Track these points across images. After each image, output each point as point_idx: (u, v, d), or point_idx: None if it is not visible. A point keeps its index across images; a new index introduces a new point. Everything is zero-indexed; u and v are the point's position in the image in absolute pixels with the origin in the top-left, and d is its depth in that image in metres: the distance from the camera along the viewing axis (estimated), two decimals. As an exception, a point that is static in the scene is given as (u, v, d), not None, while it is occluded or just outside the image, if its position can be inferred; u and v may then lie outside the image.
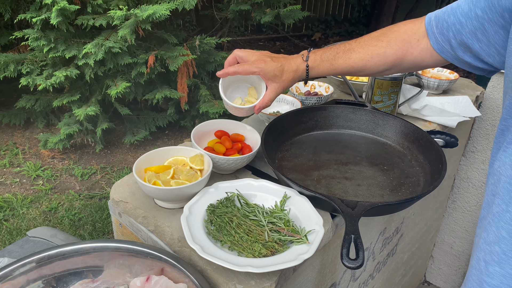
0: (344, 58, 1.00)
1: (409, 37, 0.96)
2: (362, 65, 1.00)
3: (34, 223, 2.52)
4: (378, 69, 1.00)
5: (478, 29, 0.81)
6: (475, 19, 0.81)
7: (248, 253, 0.78)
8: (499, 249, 0.70)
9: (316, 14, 6.21)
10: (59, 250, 0.76)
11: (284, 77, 0.99)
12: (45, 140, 3.04)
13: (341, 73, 1.03)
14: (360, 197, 0.96)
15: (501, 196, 0.69)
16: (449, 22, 0.87)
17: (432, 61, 0.95)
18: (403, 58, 0.97)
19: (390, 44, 0.97)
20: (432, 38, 0.92)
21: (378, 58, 0.98)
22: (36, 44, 2.50)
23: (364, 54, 0.99)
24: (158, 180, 0.89)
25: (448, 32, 0.88)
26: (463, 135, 1.67)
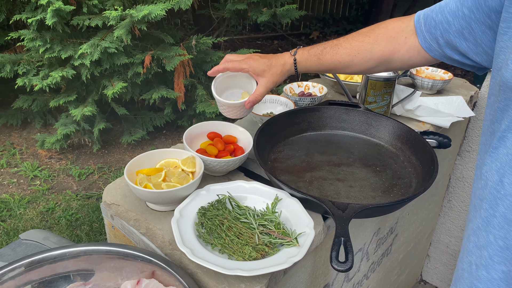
0: (331, 53, 1.01)
1: (397, 35, 0.96)
2: (349, 60, 1.00)
3: (31, 223, 2.52)
4: (365, 65, 1.01)
5: (465, 28, 0.81)
6: (462, 18, 0.81)
7: (238, 256, 0.78)
8: (487, 254, 0.71)
9: (314, 12, 6.20)
10: (49, 254, 0.76)
11: (273, 71, 1.02)
12: (42, 140, 3.04)
13: (328, 68, 1.04)
14: (352, 199, 0.96)
15: (488, 201, 0.69)
16: (436, 21, 0.87)
17: (420, 60, 0.95)
18: (390, 55, 0.98)
19: (377, 40, 0.97)
20: (421, 36, 0.92)
21: (364, 53, 0.99)
22: (32, 44, 2.49)
23: (351, 49, 0.99)
24: (149, 183, 0.89)
25: (435, 31, 0.88)
26: (458, 135, 1.67)
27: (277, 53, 1.07)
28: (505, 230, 0.67)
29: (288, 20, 2.95)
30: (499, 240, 0.68)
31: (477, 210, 0.73)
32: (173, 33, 3.04)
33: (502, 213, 0.67)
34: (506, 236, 0.67)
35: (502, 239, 0.68)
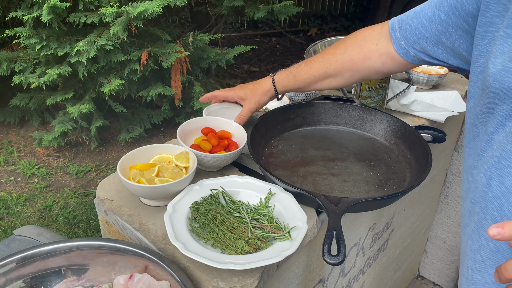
0: (306, 69, 1.05)
1: (366, 42, 0.96)
2: (323, 73, 1.02)
3: (28, 221, 2.52)
4: (340, 76, 1.02)
5: (442, 33, 0.81)
6: (439, 23, 0.81)
7: (231, 250, 0.78)
8: (480, 257, 0.71)
9: (312, 9, 6.19)
10: (41, 249, 0.76)
11: (254, 92, 1.11)
12: (39, 138, 3.04)
13: (305, 83, 1.06)
14: (346, 193, 0.96)
15: (479, 205, 0.70)
16: (412, 26, 0.86)
17: (394, 66, 0.95)
18: (361, 63, 0.97)
19: (347, 50, 0.98)
20: (396, 42, 0.91)
21: (336, 64, 1.00)
22: (28, 42, 2.49)
23: (323, 62, 1.01)
24: (143, 178, 0.89)
25: (412, 36, 0.87)
26: (454, 130, 1.67)
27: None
28: None
29: (285, 16, 2.94)
30: (490, 243, 0.68)
31: (471, 214, 0.73)
32: (170, 30, 3.03)
33: (492, 215, 0.67)
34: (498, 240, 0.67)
35: (493, 242, 0.68)
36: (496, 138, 0.67)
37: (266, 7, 2.90)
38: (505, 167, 0.65)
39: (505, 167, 0.65)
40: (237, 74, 4.30)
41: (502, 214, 0.65)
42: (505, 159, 0.64)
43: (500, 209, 0.65)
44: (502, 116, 0.65)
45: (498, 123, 0.66)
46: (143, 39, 2.82)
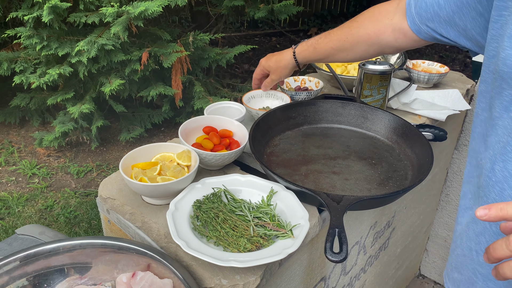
0: (325, 41, 1.10)
1: (382, 17, 0.98)
2: (340, 45, 1.07)
3: (29, 221, 2.52)
4: (356, 49, 1.06)
5: (456, 14, 0.81)
6: (454, 3, 0.81)
7: (233, 248, 0.78)
8: (484, 240, 0.72)
9: (312, 9, 6.19)
10: (44, 247, 0.76)
11: (278, 67, 1.21)
12: (40, 138, 3.04)
13: (324, 55, 1.11)
14: (348, 191, 0.96)
15: (483, 189, 0.71)
16: (428, 3, 0.87)
17: (407, 42, 0.97)
18: (376, 37, 1.00)
19: (363, 24, 1.02)
20: (410, 18, 0.92)
21: (352, 38, 1.04)
22: (29, 42, 2.49)
23: (341, 35, 1.06)
24: (145, 176, 0.89)
25: (426, 13, 0.88)
26: (455, 129, 1.67)
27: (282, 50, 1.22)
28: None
29: (285, 16, 2.94)
30: (493, 226, 0.70)
31: (476, 198, 0.74)
32: (171, 30, 3.03)
33: (493, 199, 0.68)
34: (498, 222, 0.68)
35: (495, 225, 0.69)
36: (500, 123, 0.67)
37: (266, 7, 2.90)
38: (509, 152, 0.65)
39: (509, 152, 0.65)
40: (238, 73, 4.31)
41: (503, 199, 0.66)
42: (509, 144, 0.65)
43: (501, 193, 0.66)
44: (507, 101, 0.65)
45: (503, 108, 0.66)
46: (143, 39, 2.82)
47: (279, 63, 1.20)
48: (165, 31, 2.82)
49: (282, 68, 1.20)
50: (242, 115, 1.17)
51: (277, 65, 1.21)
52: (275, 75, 1.23)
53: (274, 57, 1.22)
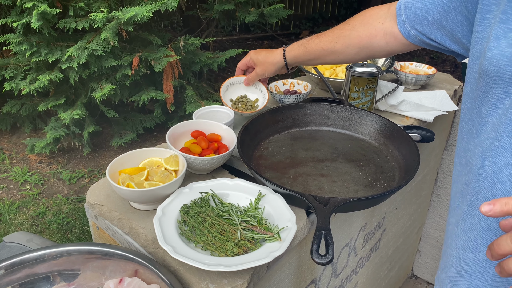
0: (316, 42, 1.10)
1: (373, 20, 1.00)
2: (331, 47, 1.07)
3: (21, 228, 2.50)
4: (347, 51, 1.07)
5: (443, 17, 0.84)
6: (441, 7, 0.84)
7: (220, 252, 0.78)
8: (473, 236, 0.73)
9: (304, 12, 6.22)
10: (29, 255, 0.76)
11: (265, 62, 1.20)
12: (32, 145, 3.03)
13: (314, 56, 1.12)
14: (335, 193, 0.97)
15: (473, 186, 0.72)
16: (416, 8, 0.90)
17: (397, 45, 0.99)
18: (367, 41, 1.02)
19: (354, 27, 1.03)
20: (400, 22, 0.95)
21: (344, 39, 1.05)
22: (19, 48, 2.48)
23: (332, 36, 1.07)
24: (132, 182, 0.89)
25: (415, 18, 0.90)
26: (444, 129, 1.69)
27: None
28: None
29: (275, 19, 2.96)
30: (482, 222, 0.71)
31: (464, 195, 0.75)
32: (161, 35, 3.03)
33: (484, 195, 0.69)
34: (487, 217, 0.69)
35: (485, 221, 0.70)
36: (489, 121, 0.69)
37: (256, 11, 2.91)
38: (498, 147, 0.67)
39: (497, 148, 0.67)
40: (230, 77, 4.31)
41: (493, 193, 0.67)
42: (498, 140, 0.67)
43: (491, 188, 0.67)
44: (495, 98, 0.67)
45: (491, 106, 0.69)
46: (134, 44, 2.82)
47: (267, 58, 1.20)
48: (156, 35, 2.82)
49: (269, 63, 1.20)
50: (230, 119, 1.17)
51: (265, 59, 1.20)
52: (260, 69, 1.22)
53: (264, 52, 1.22)
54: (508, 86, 0.65)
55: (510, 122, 0.65)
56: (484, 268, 0.72)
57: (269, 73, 1.23)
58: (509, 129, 0.66)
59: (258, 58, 1.22)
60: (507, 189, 0.65)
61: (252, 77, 1.26)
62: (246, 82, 1.28)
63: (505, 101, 0.66)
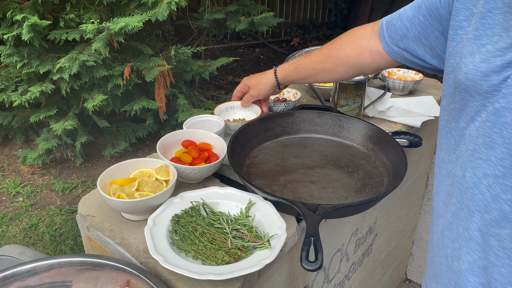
0: (306, 62, 1.13)
1: (360, 40, 1.03)
2: (321, 66, 1.10)
3: (14, 240, 2.49)
4: (337, 70, 1.09)
5: (422, 34, 0.87)
6: (418, 25, 0.87)
7: (211, 261, 0.79)
8: (458, 245, 0.74)
9: (294, 19, 6.27)
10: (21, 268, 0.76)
11: (258, 84, 1.25)
12: (24, 156, 3.02)
13: (305, 75, 1.14)
14: (325, 200, 0.98)
15: (456, 195, 0.74)
16: (396, 27, 0.93)
17: (384, 62, 1.01)
18: (355, 59, 1.05)
19: (341, 47, 1.06)
20: (383, 41, 0.98)
21: (332, 60, 1.08)
22: (9, 60, 2.48)
23: (321, 56, 1.10)
24: (123, 193, 0.89)
25: (396, 36, 0.94)
26: (432, 134, 1.71)
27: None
28: (468, 220, 0.70)
29: (266, 27, 2.98)
30: (465, 232, 0.72)
31: (447, 205, 0.76)
32: (153, 44, 3.05)
33: (466, 205, 0.71)
34: (468, 226, 0.71)
35: (467, 230, 0.72)
36: (467, 133, 0.72)
37: (247, 19, 2.94)
38: (477, 159, 0.69)
39: (477, 159, 0.69)
40: (222, 85, 4.33)
41: (475, 204, 0.69)
42: (477, 151, 0.69)
43: (472, 198, 0.69)
44: (473, 111, 0.70)
45: (469, 119, 0.71)
46: (125, 54, 2.83)
47: (260, 80, 1.25)
48: (147, 45, 2.83)
49: (262, 85, 1.24)
50: (221, 128, 1.18)
51: (257, 81, 1.25)
52: (254, 91, 1.27)
53: (256, 76, 1.27)
54: (484, 99, 0.68)
55: (487, 134, 0.67)
56: (466, 277, 0.73)
57: (263, 94, 1.26)
58: (486, 141, 0.68)
59: (252, 82, 1.27)
60: (487, 199, 0.66)
61: (247, 98, 1.30)
62: (243, 104, 1.32)
63: (482, 114, 0.68)
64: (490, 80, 0.66)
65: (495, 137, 0.66)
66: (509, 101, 0.64)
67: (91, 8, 2.62)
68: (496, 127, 0.66)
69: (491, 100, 0.67)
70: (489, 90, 0.66)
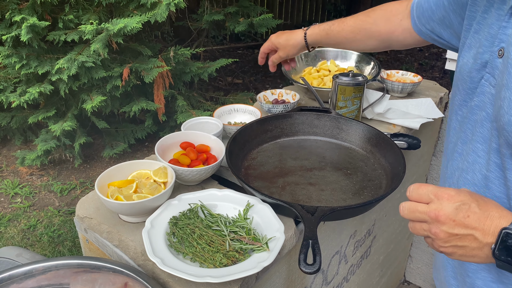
0: (338, 30, 1.16)
1: (393, 17, 1.05)
2: (352, 37, 1.14)
3: (12, 242, 2.48)
4: (367, 42, 1.13)
5: (446, 18, 0.88)
6: (443, 8, 0.88)
7: (209, 263, 0.79)
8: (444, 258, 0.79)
9: (293, 21, 6.27)
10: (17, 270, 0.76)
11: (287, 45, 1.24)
12: (22, 157, 3.01)
13: (335, 42, 1.18)
14: (323, 202, 0.98)
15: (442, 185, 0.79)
16: (424, 8, 0.95)
17: (413, 41, 1.04)
18: (387, 35, 1.08)
19: (375, 21, 1.09)
20: (413, 20, 1.00)
21: (365, 32, 1.11)
22: (8, 61, 2.48)
23: (354, 27, 1.13)
24: (121, 195, 0.89)
25: (423, 17, 0.96)
26: (431, 136, 1.71)
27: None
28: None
29: (265, 29, 2.98)
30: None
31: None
32: (152, 45, 3.04)
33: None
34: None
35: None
36: (452, 126, 0.75)
37: (246, 21, 2.94)
38: (455, 152, 0.73)
39: (455, 152, 0.73)
40: (221, 86, 4.33)
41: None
42: (456, 145, 0.73)
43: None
44: (457, 105, 0.73)
45: (454, 113, 0.74)
46: (124, 55, 2.83)
47: (289, 41, 1.23)
48: (146, 46, 2.83)
49: (291, 46, 1.24)
50: (219, 130, 1.18)
51: (286, 42, 1.24)
52: (283, 52, 1.26)
53: (285, 35, 1.25)
54: (465, 95, 0.70)
55: (464, 130, 0.70)
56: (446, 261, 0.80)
57: (291, 55, 1.27)
58: (462, 136, 0.71)
59: (280, 42, 1.25)
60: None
61: (275, 58, 1.29)
62: (271, 63, 1.31)
63: (463, 109, 0.71)
64: (473, 77, 0.69)
65: (468, 132, 0.70)
66: (480, 100, 0.67)
67: (90, 9, 2.62)
68: (469, 123, 0.69)
69: (470, 97, 0.69)
70: (471, 86, 0.69)
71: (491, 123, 0.64)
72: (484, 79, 0.65)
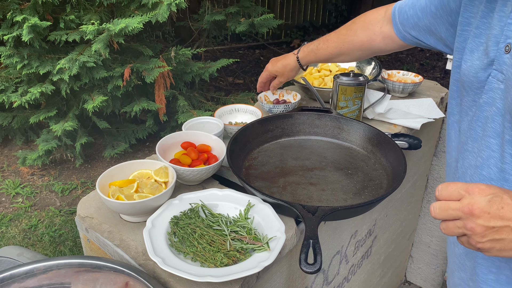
0: (324, 48, 1.22)
1: (373, 26, 1.09)
2: (338, 51, 1.19)
3: (13, 241, 2.48)
4: (353, 54, 1.18)
5: (432, 25, 0.90)
6: (430, 15, 0.90)
7: (210, 263, 0.79)
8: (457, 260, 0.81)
9: (294, 21, 6.27)
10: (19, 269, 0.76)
11: (285, 71, 1.33)
12: (23, 157, 3.01)
13: (324, 59, 1.25)
14: (324, 202, 0.98)
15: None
16: (409, 15, 0.97)
17: (395, 46, 1.08)
18: (369, 44, 1.12)
19: (356, 33, 1.13)
20: (395, 27, 1.02)
21: (348, 45, 1.16)
22: (9, 61, 2.48)
23: (338, 42, 1.18)
24: (122, 194, 0.89)
25: (407, 23, 0.98)
26: (432, 136, 1.71)
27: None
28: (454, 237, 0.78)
29: (266, 29, 2.98)
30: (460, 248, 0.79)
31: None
32: (153, 45, 3.05)
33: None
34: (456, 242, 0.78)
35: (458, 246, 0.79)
36: (462, 126, 0.76)
37: (247, 21, 2.94)
38: (466, 150, 0.74)
39: (465, 151, 0.74)
40: (222, 86, 4.33)
41: None
42: (465, 143, 0.74)
43: None
44: (466, 106, 0.74)
45: (464, 113, 0.75)
46: (125, 55, 2.83)
47: (286, 67, 1.32)
48: (147, 46, 2.83)
49: (288, 71, 1.33)
50: (220, 129, 1.18)
51: (284, 69, 1.33)
52: (283, 78, 1.35)
53: (279, 62, 1.33)
54: (474, 95, 0.72)
55: (474, 128, 0.72)
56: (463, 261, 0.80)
57: (291, 78, 1.37)
58: (473, 134, 0.72)
59: (278, 70, 1.34)
60: None
61: (276, 84, 1.39)
62: (272, 88, 1.41)
63: (473, 109, 0.73)
64: (479, 76, 0.70)
65: (478, 130, 0.71)
66: (489, 96, 0.69)
67: (91, 9, 2.62)
68: (479, 121, 0.71)
69: (479, 96, 0.71)
70: (478, 86, 0.71)
71: (502, 116, 0.65)
72: (492, 76, 0.67)
